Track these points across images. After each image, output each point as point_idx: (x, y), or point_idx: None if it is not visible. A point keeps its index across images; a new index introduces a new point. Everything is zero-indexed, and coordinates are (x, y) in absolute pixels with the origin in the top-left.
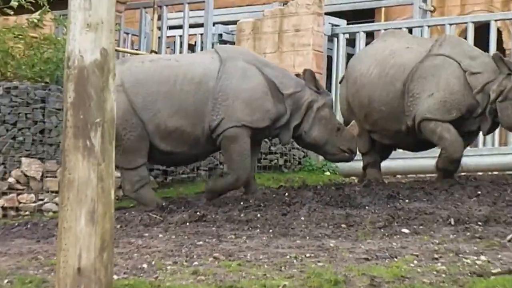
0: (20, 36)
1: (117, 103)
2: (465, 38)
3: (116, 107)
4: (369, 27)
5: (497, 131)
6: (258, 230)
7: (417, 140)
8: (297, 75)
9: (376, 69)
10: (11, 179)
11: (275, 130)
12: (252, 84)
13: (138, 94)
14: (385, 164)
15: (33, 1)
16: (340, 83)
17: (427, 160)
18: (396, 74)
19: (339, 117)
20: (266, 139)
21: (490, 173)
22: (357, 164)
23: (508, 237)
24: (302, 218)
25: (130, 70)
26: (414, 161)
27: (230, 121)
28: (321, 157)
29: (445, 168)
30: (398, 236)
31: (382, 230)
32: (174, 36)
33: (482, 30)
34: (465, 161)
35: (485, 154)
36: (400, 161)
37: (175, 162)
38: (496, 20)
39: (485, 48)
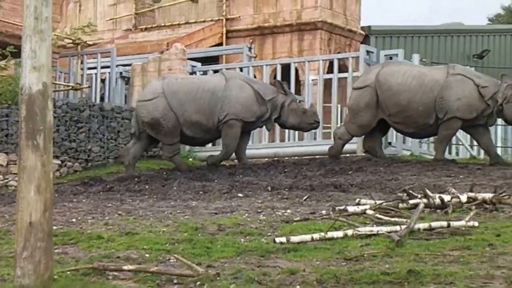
0: None
1: (158, 104)
2: (275, 75)
3: (158, 107)
4: (215, 67)
5: (297, 131)
6: (146, 196)
7: (432, 132)
8: (272, 84)
9: (415, 81)
10: None
11: (261, 123)
12: (245, 94)
13: (173, 98)
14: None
15: (1, 53)
16: (357, 89)
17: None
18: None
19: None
20: None
21: (293, 158)
22: (209, 154)
23: (304, 198)
24: (175, 188)
25: (168, 83)
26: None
27: (231, 115)
28: (187, 148)
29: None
30: (235, 198)
31: (225, 195)
32: (91, 74)
33: (286, 68)
34: (277, 150)
35: (289, 146)
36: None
37: (195, 144)
38: (294, 62)
39: (288, 80)
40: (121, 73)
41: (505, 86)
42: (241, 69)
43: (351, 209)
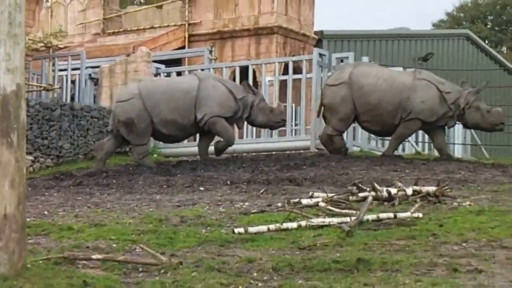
0: None
1: (134, 104)
2: (234, 76)
3: (134, 107)
4: (178, 69)
5: (254, 129)
6: (114, 190)
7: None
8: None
9: (386, 83)
10: None
11: (235, 120)
12: (219, 92)
13: (149, 99)
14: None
15: None
16: (332, 86)
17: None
18: (402, 88)
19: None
20: None
21: (250, 154)
22: (173, 150)
23: (261, 191)
24: (140, 182)
25: (144, 85)
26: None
27: (209, 114)
28: (152, 144)
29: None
30: (197, 192)
31: (187, 189)
32: (62, 75)
33: (244, 70)
34: (235, 147)
35: (247, 142)
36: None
37: (171, 141)
38: (252, 64)
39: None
40: (90, 74)
41: (466, 92)
42: (202, 70)
43: (304, 201)
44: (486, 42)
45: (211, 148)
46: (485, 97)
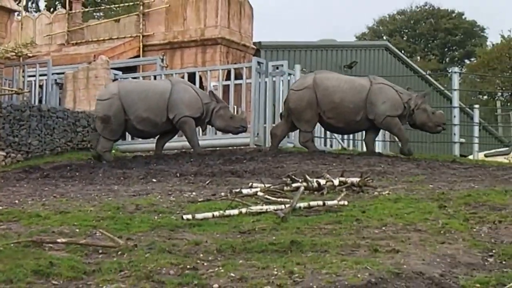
0: None
1: (113, 103)
2: None
3: (112, 106)
4: (133, 75)
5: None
6: (77, 181)
7: (358, 128)
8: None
9: (347, 84)
10: None
11: (200, 122)
12: (189, 95)
13: (127, 98)
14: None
15: None
16: (297, 91)
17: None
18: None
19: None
20: (81, 134)
21: (206, 149)
22: (129, 146)
23: (206, 182)
24: (100, 175)
25: (123, 85)
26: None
27: (180, 114)
28: None
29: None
30: (150, 183)
31: (142, 180)
32: (31, 81)
33: (192, 76)
34: (184, 143)
35: (207, 139)
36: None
37: (146, 136)
38: (199, 71)
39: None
40: (56, 80)
41: (415, 95)
42: (154, 77)
43: (245, 191)
44: (403, 52)
45: (166, 144)
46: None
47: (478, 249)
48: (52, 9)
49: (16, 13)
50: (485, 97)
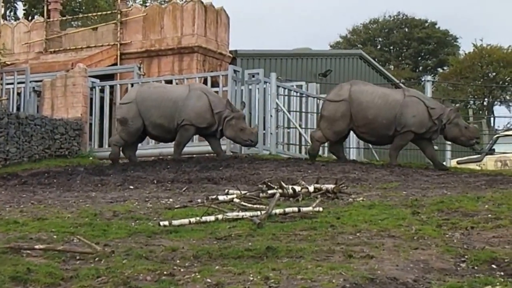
0: None
1: (131, 108)
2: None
3: (130, 111)
4: (110, 83)
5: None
6: (54, 188)
7: (389, 141)
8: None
9: (380, 100)
10: None
11: (211, 131)
12: (201, 103)
13: (142, 104)
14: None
15: None
16: (333, 101)
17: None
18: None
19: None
20: (59, 141)
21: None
22: (106, 153)
23: (183, 189)
24: (78, 181)
25: (141, 91)
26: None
27: (186, 120)
28: (88, 148)
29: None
30: (127, 190)
31: (119, 187)
32: (9, 88)
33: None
34: (162, 150)
35: (171, 146)
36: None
37: (161, 141)
38: (176, 79)
39: None
40: (34, 87)
41: (448, 110)
42: (132, 85)
43: (221, 198)
44: (376, 60)
45: (142, 152)
46: None
47: (450, 255)
48: (30, 18)
49: None
50: (457, 105)
